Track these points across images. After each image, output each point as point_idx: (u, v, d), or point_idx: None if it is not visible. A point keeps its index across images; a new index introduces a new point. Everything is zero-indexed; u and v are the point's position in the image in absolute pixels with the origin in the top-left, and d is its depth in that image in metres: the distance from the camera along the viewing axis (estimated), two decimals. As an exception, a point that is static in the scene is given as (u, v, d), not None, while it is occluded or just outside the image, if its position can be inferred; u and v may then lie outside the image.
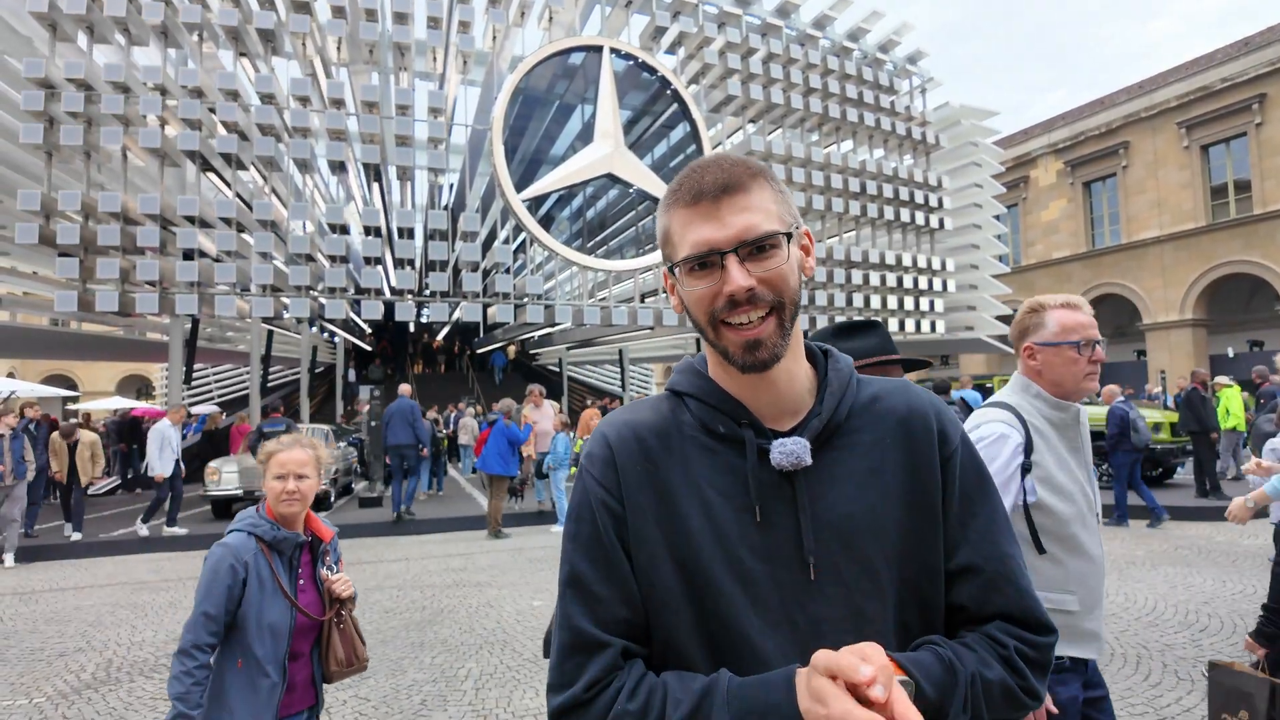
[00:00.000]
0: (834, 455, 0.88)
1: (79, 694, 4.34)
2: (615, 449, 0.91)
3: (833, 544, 0.84)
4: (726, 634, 0.84)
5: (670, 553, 0.86)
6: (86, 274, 10.10)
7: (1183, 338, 22.60)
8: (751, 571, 0.84)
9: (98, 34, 10.60)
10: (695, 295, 0.86)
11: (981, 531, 0.89)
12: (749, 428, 0.88)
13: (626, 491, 0.89)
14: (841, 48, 15.06)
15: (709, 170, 0.86)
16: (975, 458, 0.93)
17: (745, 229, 0.83)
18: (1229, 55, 21.79)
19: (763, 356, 0.84)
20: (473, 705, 3.99)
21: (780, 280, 0.84)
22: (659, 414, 0.93)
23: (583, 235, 13.08)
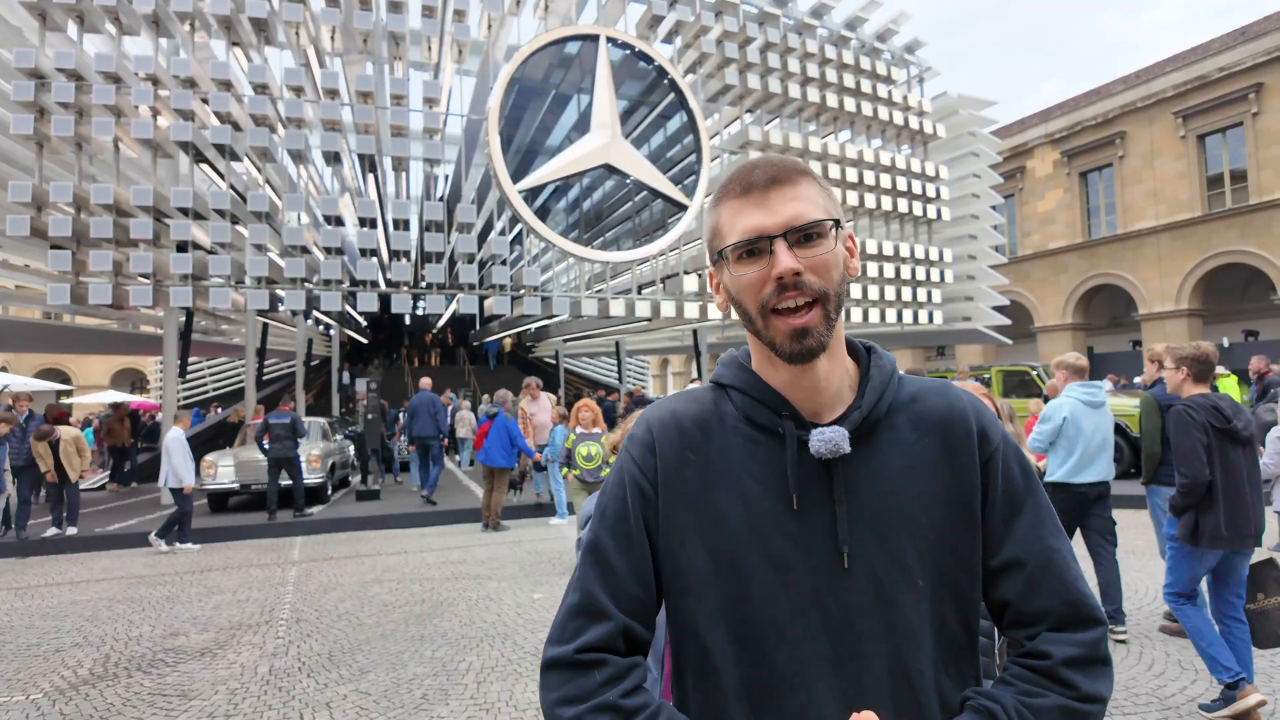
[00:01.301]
0: (872, 449, 0.89)
1: (76, 690, 4.30)
2: (656, 435, 0.94)
3: (867, 535, 0.86)
4: (754, 617, 0.86)
5: (702, 538, 0.89)
6: (79, 267, 9.99)
7: (1178, 328, 22.63)
8: (786, 557, 0.86)
9: (88, 23, 10.45)
10: (744, 281, 0.88)
11: (1026, 528, 0.90)
12: (789, 419, 0.90)
13: (663, 476, 0.92)
14: (839, 37, 14.97)
15: (758, 166, 0.89)
16: (1018, 455, 0.93)
17: (794, 216, 0.86)
18: (1225, 45, 21.74)
19: (809, 345, 0.86)
20: (474, 699, 3.96)
21: (826, 268, 0.86)
22: (702, 405, 0.96)
23: (579, 226, 13.00)
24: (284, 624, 5.55)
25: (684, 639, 0.91)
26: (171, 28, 10.95)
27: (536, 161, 12.35)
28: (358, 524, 10.26)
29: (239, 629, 5.45)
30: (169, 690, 4.24)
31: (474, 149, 13.54)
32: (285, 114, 10.92)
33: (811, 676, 0.85)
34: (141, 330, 18.33)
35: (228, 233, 10.57)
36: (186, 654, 4.90)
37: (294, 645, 5.01)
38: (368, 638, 5.13)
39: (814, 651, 0.85)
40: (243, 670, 4.53)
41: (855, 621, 0.85)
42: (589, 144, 12.29)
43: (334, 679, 4.33)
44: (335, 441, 13.47)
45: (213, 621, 5.68)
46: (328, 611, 5.87)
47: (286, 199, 11.19)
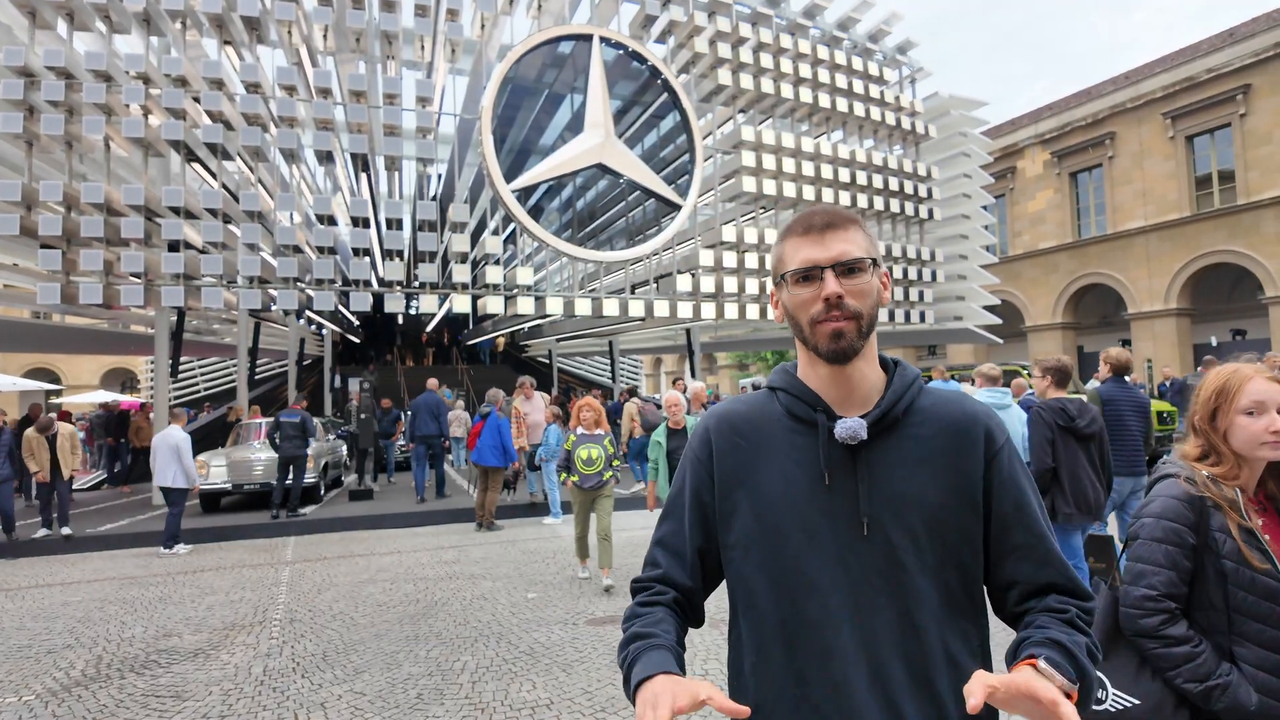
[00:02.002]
0: (892, 442, 1.09)
1: (69, 691, 4.28)
2: (712, 428, 1.20)
3: (883, 509, 1.06)
4: (790, 569, 1.08)
5: (751, 505, 1.12)
6: (69, 266, 9.93)
7: (1167, 327, 22.80)
8: (817, 524, 1.07)
9: (78, 21, 10.38)
10: (799, 300, 1.10)
11: (1030, 518, 1.10)
12: (823, 413, 1.11)
13: (718, 460, 1.17)
14: (831, 37, 15.02)
15: (818, 213, 1.12)
16: (1016, 455, 1.13)
17: (841, 253, 1.07)
18: (1214, 46, 21.91)
19: (844, 346, 1.06)
20: (469, 698, 3.97)
21: (862, 295, 1.08)
22: (753, 405, 1.20)
23: (573, 226, 13.00)
24: (278, 624, 5.54)
25: (736, 584, 1.15)
26: (163, 26, 10.90)
27: (530, 161, 12.34)
28: (351, 524, 10.24)
29: (232, 629, 5.44)
30: (162, 691, 4.23)
31: (467, 148, 13.52)
32: (277, 113, 10.88)
33: (835, 621, 1.05)
34: (132, 330, 18.23)
35: (219, 232, 10.52)
36: (180, 655, 4.88)
37: (288, 645, 5.00)
38: (362, 638, 5.12)
39: (837, 601, 1.05)
40: (236, 671, 4.53)
41: (872, 579, 1.05)
42: (582, 143, 12.29)
43: (328, 679, 4.33)
44: (328, 441, 13.43)
45: (206, 622, 5.66)
46: (321, 612, 5.86)
47: (279, 198, 11.15)
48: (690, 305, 13.12)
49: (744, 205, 14.41)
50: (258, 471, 11.18)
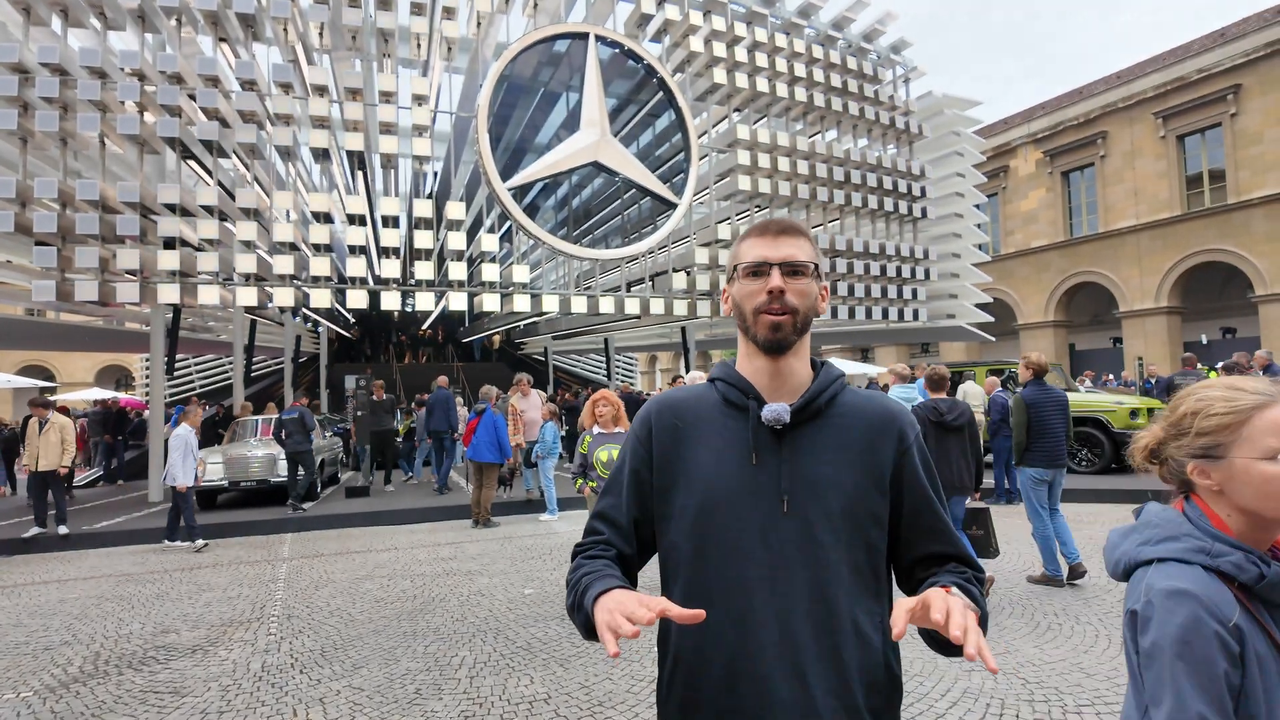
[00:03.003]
0: (814, 429, 1.21)
1: (66, 688, 4.31)
2: (652, 413, 1.32)
3: (802, 489, 1.17)
4: (717, 538, 1.18)
5: (685, 480, 1.23)
6: (64, 263, 9.91)
7: (1158, 325, 22.96)
8: (743, 498, 1.18)
9: (72, 17, 10.35)
10: (747, 291, 1.23)
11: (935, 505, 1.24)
12: (754, 400, 1.23)
13: (656, 440, 1.28)
14: (826, 36, 15.06)
15: (775, 222, 1.26)
16: (923, 452, 1.27)
17: (789, 255, 1.21)
18: (1205, 46, 22.04)
19: (780, 337, 1.20)
20: (467, 693, 4.01)
21: (802, 295, 1.21)
22: (692, 393, 1.33)
23: (568, 224, 13.02)
24: (275, 620, 5.57)
25: (669, 551, 1.25)
26: (158, 23, 10.88)
27: (526, 159, 12.36)
28: (348, 521, 10.27)
29: (230, 626, 5.47)
30: (160, 687, 4.26)
31: (463, 146, 13.53)
32: (273, 110, 10.88)
33: (751, 588, 1.15)
34: (127, 327, 18.17)
35: (215, 229, 10.52)
36: (178, 651, 4.91)
37: (286, 642, 5.04)
38: (360, 633, 5.16)
39: (755, 571, 1.16)
40: (235, 667, 4.56)
41: (789, 551, 1.16)
42: (578, 142, 12.32)
43: (327, 675, 4.37)
44: (324, 438, 13.44)
45: (204, 619, 5.69)
46: (319, 608, 5.90)
47: (275, 196, 11.14)
48: (685, 303, 13.17)
49: (739, 204, 14.45)
50: (254, 468, 11.20)
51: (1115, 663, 4.07)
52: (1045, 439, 6.02)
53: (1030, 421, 6.02)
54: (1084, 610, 5.05)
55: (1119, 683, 3.79)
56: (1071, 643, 4.43)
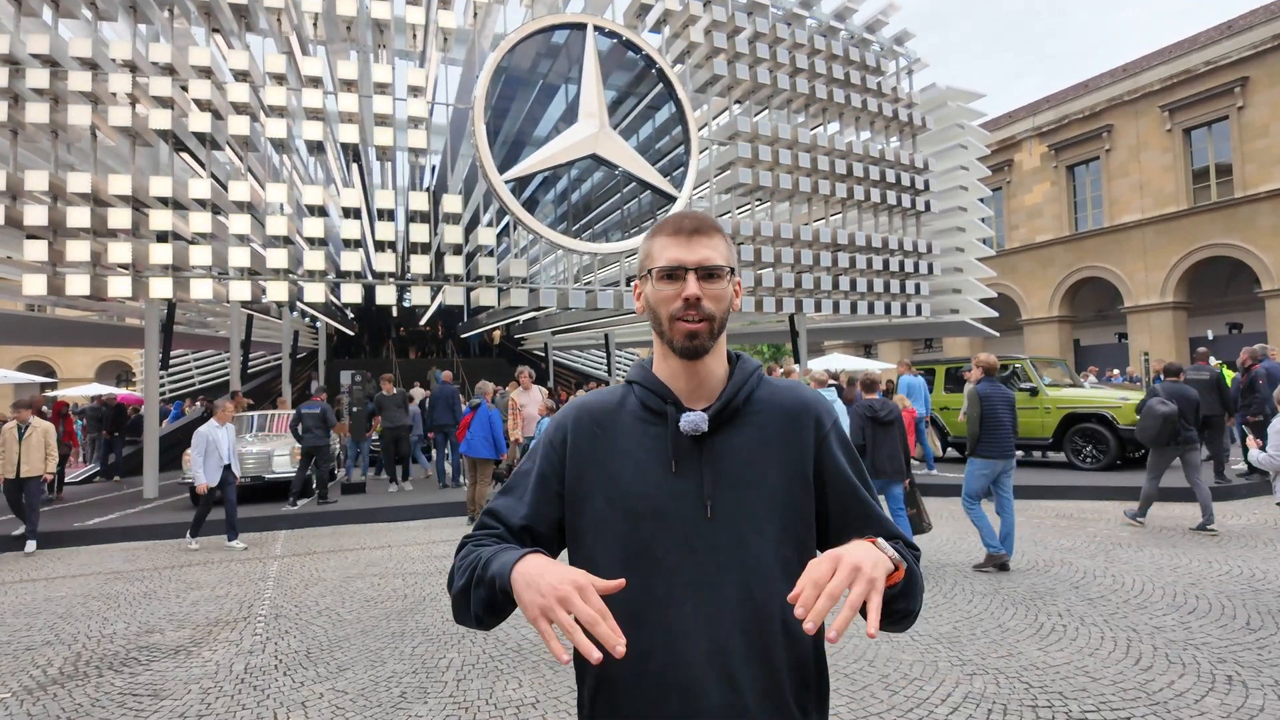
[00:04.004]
0: (733, 430, 1.18)
1: (44, 690, 4.19)
2: (569, 419, 1.27)
3: (727, 492, 1.15)
4: (641, 551, 1.14)
5: (604, 491, 1.18)
6: (56, 257, 9.80)
7: (1163, 320, 22.76)
8: (665, 507, 1.15)
9: (63, 8, 10.23)
10: (661, 295, 1.17)
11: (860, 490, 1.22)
12: (672, 405, 1.19)
13: (572, 447, 1.23)
14: (828, 27, 14.88)
15: (688, 218, 1.20)
16: (842, 438, 1.24)
17: (705, 258, 1.16)
18: (1211, 39, 21.80)
19: (697, 345, 1.16)
20: (453, 697, 3.89)
21: (718, 299, 1.17)
22: (612, 397, 1.28)
23: (567, 218, 12.88)
24: (262, 620, 5.46)
25: (585, 563, 1.17)
26: (150, 14, 10.75)
27: (524, 152, 12.21)
28: (342, 518, 10.16)
29: (216, 626, 5.35)
30: (140, 690, 4.14)
31: (460, 139, 13.39)
32: (267, 102, 10.74)
33: (679, 598, 1.11)
34: (126, 323, 18.08)
35: (208, 223, 10.40)
36: (161, 652, 4.80)
37: (271, 642, 4.92)
38: (347, 634, 5.05)
39: (682, 579, 1.12)
40: (217, 668, 4.44)
41: (715, 557, 1.13)
42: (576, 134, 12.17)
43: (310, 677, 4.25)
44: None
45: (190, 618, 5.58)
46: (308, 607, 5.78)
47: (269, 189, 11.02)
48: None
49: (740, 197, 14.30)
50: (249, 464, 11.10)
51: (1121, 667, 3.93)
52: (997, 431, 6.42)
53: (984, 414, 6.44)
54: (1089, 611, 4.91)
55: (1125, 688, 3.66)
56: (1076, 645, 4.30)
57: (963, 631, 4.63)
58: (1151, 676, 3.78)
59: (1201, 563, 6.05)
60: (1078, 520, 8.28)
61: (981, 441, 6.45)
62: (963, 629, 4.68)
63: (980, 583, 5.77)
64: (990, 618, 4.88)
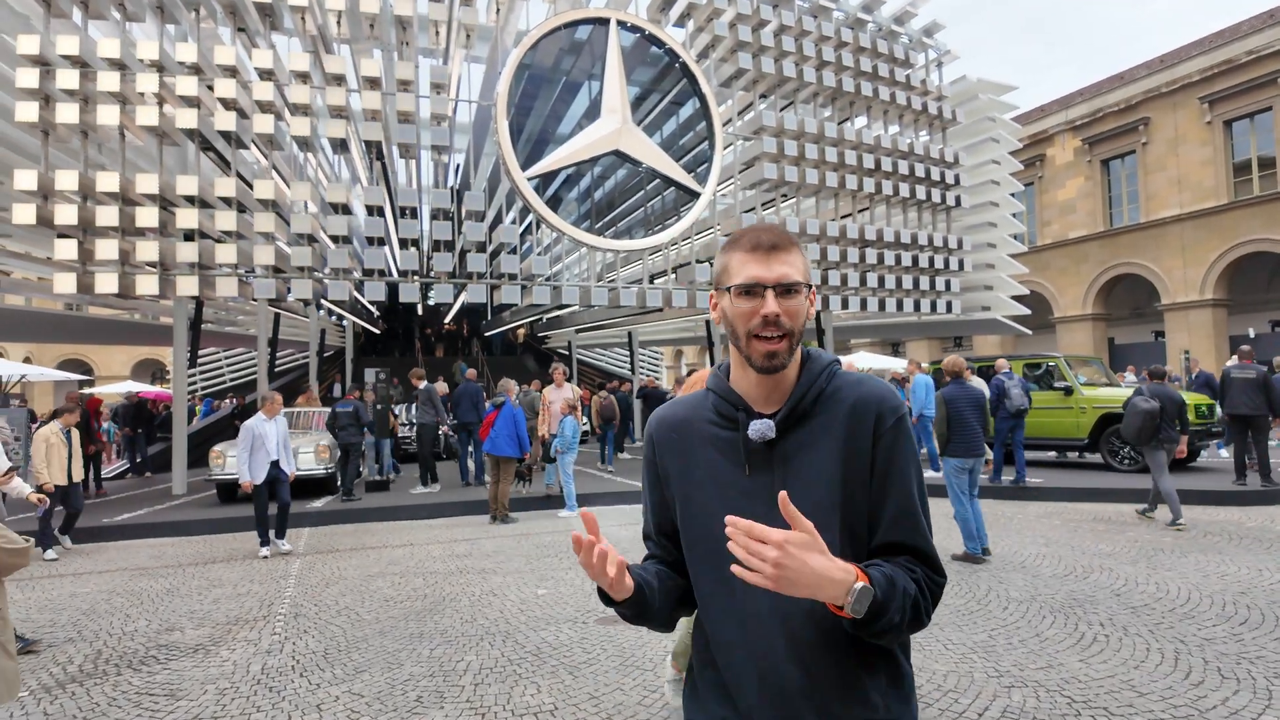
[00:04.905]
0: (802, 431, 1.23)
1: (63, 688, 4.17)
2: (653, 431, 1.37)
3: (794, 491, 1.15)
4: (718, 547, 1.14)
5: (685, 492, 1.30)
6: (85, 255, 9.91)
7: (1202, 318, 22.12)
8: (740, 506, 1.19)
9: (93, 10, 10.34)
10: (739, 312, 1.22)
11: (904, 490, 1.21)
12: (743, 412, 1.26)
13: (659, 456, 1.35)
14: (855, 19, 14.61)
15: (765, 233, 1.23)
16: (904, 435, 1.23)
17: (783, 275, 1.20)
18: (1254, 27, 21.13)
19: (776, 364, 1.21)
20: (470, 702, 3.79)
21: (795, 315, 1.21)
22: (688, 407, 1.36)
23: (590, 215, 12.78)
24: (282, 619, 5.41)
25: (684, 556, 1.33)
26: (177, 14, 10.83)
27: (547, 149, 12.13)
28: (365, 515, 10.16)
29: (235, 624, 5.32)
30: (157, 690, 4.10)
31: (483, 137, 13.35)
32: (291, 100, 10.77)
33: (756, 593, 1.15)
34: (160, 321, 18.33)
35: (234, 221, 10.45)
36: (179, 651, 4.77)
37: (289, 642, 4.87)
38: (366, 635, 4.98)
39: None
40: (234, 668, 4.39)
41: None
42: (599, 130, 12.06)
43: (327, 679, 4.18)
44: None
45: (210, 616, 5.55)
46: (327, 606, 5.73)
47: (294, 187, 11.05)
48: (710, 295, 12.85)
49: (765, 193, 14.10)
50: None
51: (1170, 681, 3.73)
52: (964, 432, 6.70)
53: (950, 416, 6.74)
54: (1132, 620, 4.70)
55: (1175, 704, 3.45)
56: (1120, 656, 4.09)
57: (998, 640, 4.44)
58: (1204, 692, 3.57)
59: (1251, 570, 5.79)
60: (1116, 524, 8.00)
61: (951, 442, 6.75)
62: (998, 638, 4.49)
63: (1015, 589, 5.56)
64: (1027, 626, 4.69)
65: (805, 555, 1.02)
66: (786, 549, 1.01)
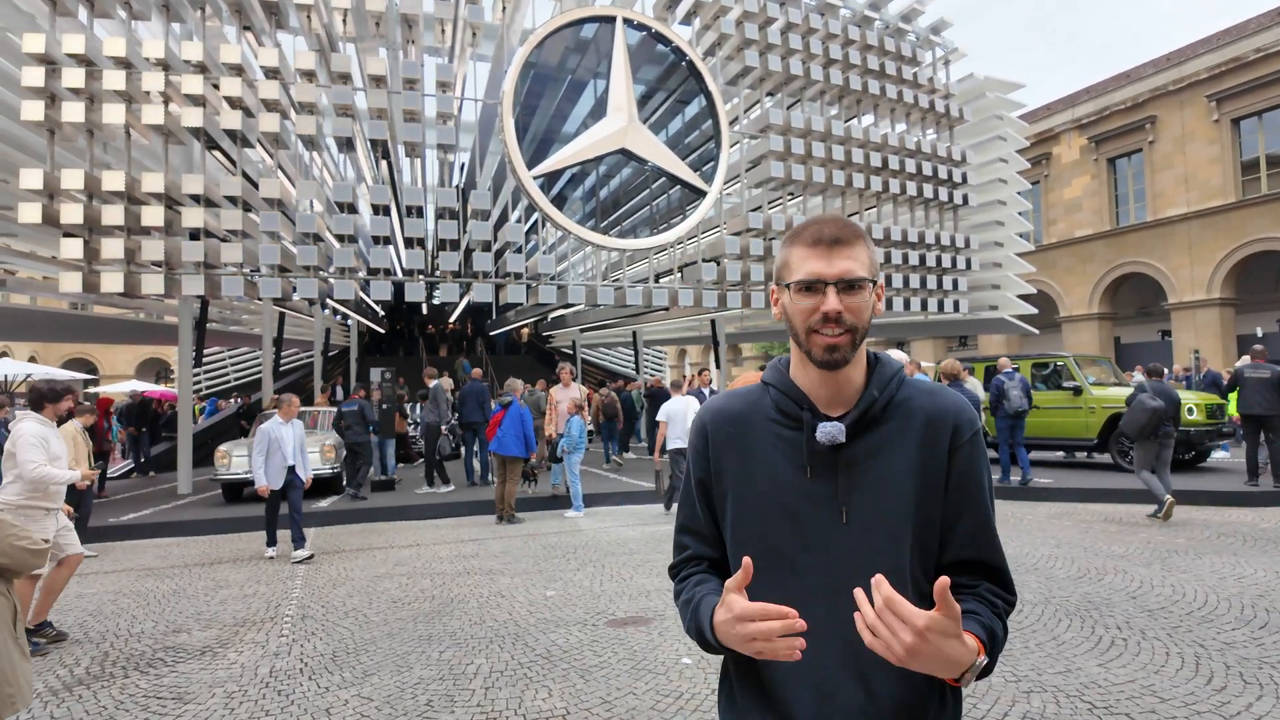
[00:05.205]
0: (871, 437, 1.17)
1: (70, 691, 4.14)
2: (707, 423, 1.29)
3: (862, 499, 1.14)
4: (774, 550, 1.16)
5: (738, 490, 1.22)
6: (91, 255, 9.89)
7: (1209, 317, 21.99)
8: (800, 511, 1.16)
9: (99, 8, 10.30)
10: (799, 308, 1.16)
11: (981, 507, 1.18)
12: (808, 412, 1.19)
13: (712, 449, 1.26)
14: (862, 17, 14.52)
15: (828, 225, 1.16)
16: (980, 448, 1.20)
17: (845, 271, 1.13)
18: (1262, 25, 20.98)
19: (837, 359, 1.14)
20: (481, 706, 3.75)
21: (859, 311, 1.14)
22: (745, 400, 1.29)
23: (596, 214, 12.73)
24: (289, 621, 5.38)
25: (732, 559, 1.24)
26: (183, 12, 10.79)
27: (553, 148, 12.08)
28: (372, 515, 10.13)
29: (243, 626, 5.28)
30: (164, 693, 4.06)
31: (489, 136, 13.30)
32: (297, 99, 10.74)
33: (813, 601, 1.12)
34: (165, 320, 18.32)
35: (240, 220, 10.42)
36: (187, 653, 4.73)
37: (297, 644, 4.83)
38: (374, 637, 4.94)
39: (815, 582, 1.15)
40: (242, 671, 4.36)
41: (849, 562, 1.13)
42: (605, 128, 12.01)
43: (336, 682, 4.14)
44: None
45: (217, 618, 5.52)
46: (335, 608, 5.70)
47: (300, 186, 11.02)
48: (715, 295, 12.80)
49: (771, 191, 14.03)
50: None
51: (1191, 686, 3.67)
52: None
53: None
54: (1149, 624, 4.64)
55: (1199, 711, 3.40)
56: (1139, 661, 4.04)
57: (1014, 643, 4.38)
58: (1227, 698, 3.51)
59: (1268, 573, 5.72)
60: (1128, 525, 7.94)
61: None
62: (1014, 641, 4.43)
63: (1029, 591, 5.50)
64: (1043, 629, 4.63)
65: (942, 644, 0.95)
66: (926, 638, 0.93)
